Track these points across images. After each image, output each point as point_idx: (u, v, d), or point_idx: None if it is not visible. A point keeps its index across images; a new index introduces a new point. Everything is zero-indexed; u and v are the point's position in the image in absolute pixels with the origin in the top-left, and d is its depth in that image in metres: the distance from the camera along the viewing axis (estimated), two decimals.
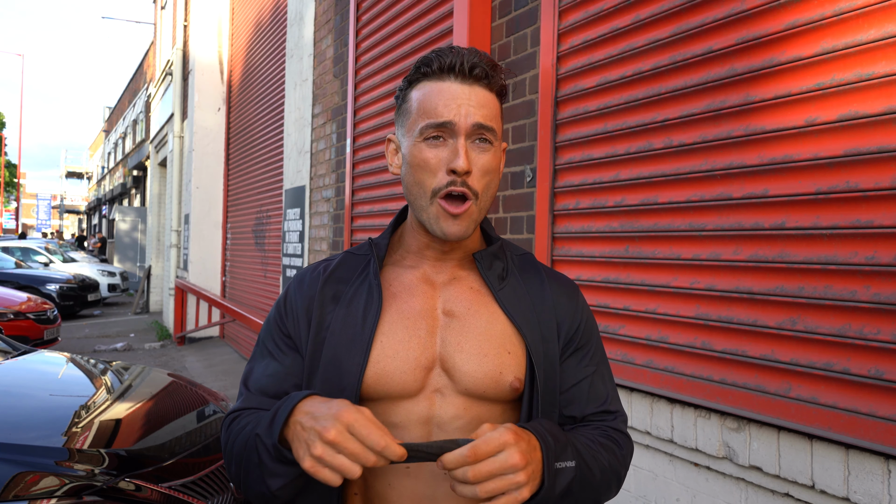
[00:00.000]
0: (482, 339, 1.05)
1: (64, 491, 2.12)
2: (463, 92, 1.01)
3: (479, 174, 1.02)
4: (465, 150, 1.00)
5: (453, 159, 1.00)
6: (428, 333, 1.05)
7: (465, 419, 1.03)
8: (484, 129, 1.01)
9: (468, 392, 1.03)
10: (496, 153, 1.05)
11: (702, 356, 2.03)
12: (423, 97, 1.03)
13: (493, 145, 1.04)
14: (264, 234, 7.46)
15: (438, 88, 1.02)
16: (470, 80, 1.02)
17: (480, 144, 1.02)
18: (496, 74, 1.04)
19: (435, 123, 1.01)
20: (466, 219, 1.02)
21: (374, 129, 4.40)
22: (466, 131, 1.00)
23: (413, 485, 1.03)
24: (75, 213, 57.06)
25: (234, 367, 7.63)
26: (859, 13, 1.64)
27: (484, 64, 1.03)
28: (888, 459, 1.54)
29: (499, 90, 1.06)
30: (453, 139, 1.01)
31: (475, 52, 1.04)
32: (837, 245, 1.67)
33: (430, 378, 1.04)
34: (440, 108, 1.01)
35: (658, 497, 2.20)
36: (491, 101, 1.04)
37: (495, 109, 1.05)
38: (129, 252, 19.54)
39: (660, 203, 2.20)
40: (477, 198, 1.02)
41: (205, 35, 10.11)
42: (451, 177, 1.00)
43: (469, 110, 1.01)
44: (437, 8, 3.64)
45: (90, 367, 3.58)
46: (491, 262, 1.11)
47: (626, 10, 2.36)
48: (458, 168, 0.99)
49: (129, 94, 26.87)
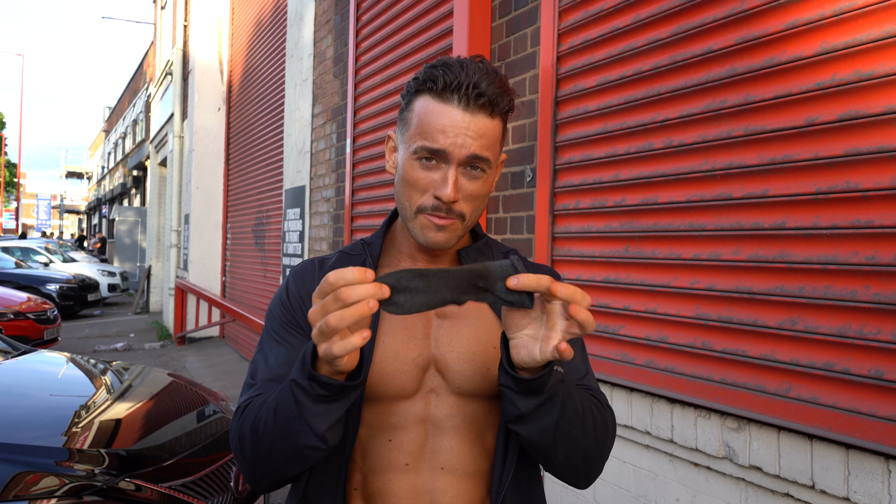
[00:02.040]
0: (471, 337, 1.08)
1: (64, 491, 2.12)
2: (463, 121, 1.00)
3: (467, 200, 1.03)
4: (455, 180, 1.00)
5: (441, 187, 1.00)
6: (423, 335, 1.08)
7: (459, 417, 1.06)
8: (478, 159, 1.01)
9: (461, 391, 1.06)
10: (487, 179, 1.05)
11: (702, 356, 2.03)
12: (424, 115, 1.02)
13: (486, 172, 1.04)
14: (264, 234, 7.46)
15: (439, 111, 1.00)
16: (473, 109, 1.00)
17: (472, 171, 1.02)
18: (502, 101, 1.02)
19: (430, 149, 1.00)
20: (451, 231, 1.04)
21: (374, 129, 4.40)
22: (459, 161, 1.00)
23: (412, 479, 1.05)
24: (75, 213, 57.07)
25: (234, 367, 7.63)
26: (859, 13, 1.64)
27: (491, 91, 1.00)
28: (888, 459, 1.54)
29: (508, 116, 1.05)
30: (446, 165, 1.01)
31: (486, 74, 1.01)
32: (837, 245, 1.67)
33: (426, 378, 1.06)
34: (437, 134, 1.00)
35: (658, 497, 2.20)
36: (492, 129, 1.02)
37: (495, 137, 1.03)
38: (129, 252, 19.53)
39: (660, 203, 2.20)
40: (463, 219, 1.04)
41: (205, 35, 10.11)
42: (436, 202, 1.01)
43: (466, 141, 1.00)
44: (437, 8, 3.64)
45: (90, 367, 3.58)
46: (476, 258, 1.13)
47: (626, 10, 2.36)
48: (443, 197, 1.00)
49: (129, 94, 26.87)
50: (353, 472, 1.07)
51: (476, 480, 1.06)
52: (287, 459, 0.96)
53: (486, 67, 1.02)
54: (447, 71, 1.01)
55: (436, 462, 1.05)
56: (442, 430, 1.05)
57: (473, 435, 1.07)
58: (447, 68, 1.02)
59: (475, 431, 1.07)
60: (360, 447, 1.06)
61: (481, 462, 1.07)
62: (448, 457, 1.05)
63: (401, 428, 1.05)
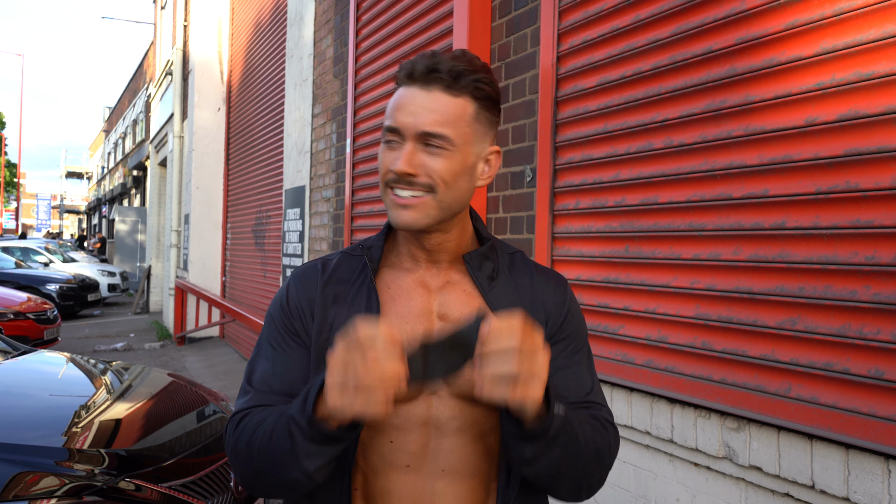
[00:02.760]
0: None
1: (64, 491, 2.12)
2: (416, 97, 1.01)
3: (432, 174, 1.01)
4: (408, 153, 1.01)
5: (395, 160, 1.02)
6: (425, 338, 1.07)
7: (461, 419, 1.06)
8: (432, 136, 1.00)
9: (462, 395, 1.05)
10: (453, 157, 1.02)
11: (702, 356, 2.03)
12: (390, 101, 1.06)
13: (449, 150, 1.01)
14: (264, 234, 7.46)
15: (400, 94, 1.04)
16: (429, 86, 1.01)
17: (430, 147, 1.01)
18: (464, 78, 1.01)
19: (387, 127, 1.03)
20: (419, 210, 1.02)
21: (374, 129, 4.40)
22: (412, 135, 1.01)
23: (413, 480, 1.05)
24: (75, 213, 57.07)
25: (234, 367, 7.63)
26: (859, 13, 1.64)
27: (449, 67, 1.00)
28: (888, 459, 1.54)
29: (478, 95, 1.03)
30: (404, 141, 1.02)
31: (455, 59, 1.02)
32: (837, 245, 1.67)
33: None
34: (394, 113, 1.02)
35: (658, 497, 2.20)
36: (450, 106, 1.01)
37: (454, 115, 1.01)
38: (129, 252, 19.53)
39: (660, 203, 2.20)
40: (433, 193, 1.02)
41: (205, 35, 10.11)
42: (392, 174, 1.02)
43: (418, 118, 1.00)
44: (437, 8, 3.64)
45: (90, 367, 3.58)
46: (480, 263, 1.12)
47: (626, 10, 2.36)
48: (395, 169, 1.01)
49: (129, 94, 26.87)
50: (355, 473, 1.07)
51: (477, 482, 1.06)
52: (276, 484, 1.00)
53: (459, 54, 1.04)
54: (414, 60, 1.04)
55: (437, 464, 1.05)
56: (443, 432, 1.05)
57: (475, 437, 1.06)
58: (416, 58, 1.04)
59: (477, 433, 1.07)
60: (361, 447, 1.06)
61: (482, 463, 1.07)
62: (449, 458, 1.05)
63: (402, 429, 1.05)
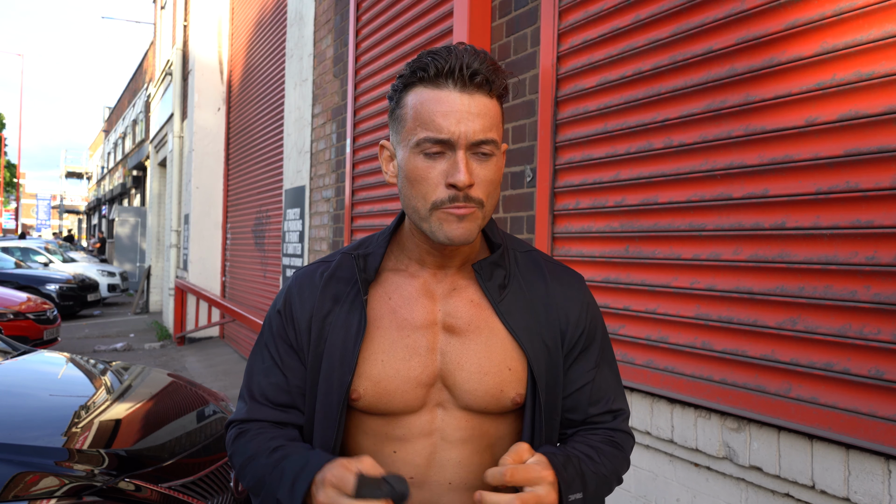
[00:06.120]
0: (482, 356, 1.03)
1: (64, 491, 2.12)
2: (463, 103, 0.94)
3: (482, 185, 0.97)
4: (466, 163, 0.94)
5: (454, 173, 0.94)
6: (428, 350, 1.04)
7: (467, 431, 1.04)
8: (485, 142, 0.96)
9: (469, 407, 1.03)
10: (497, 162, 1.00)
11: (702, 356, 2.03)
12: (420, 105, 0.96)
13: (495, 155, 0.99)
14: (264, 234, 7.46)
15: (436, 98, 0.95)
16: (470, 89, 0.95)
17: (481, 155, 0.96)
18: (498, 79, 0.97)
19: (434, 139, 0.94)
20: (471, 221, 0.97)
21: (374, 129, 4.40)
22: (466, 145, 0.95)
23: (418, 493, 1.03)
24: (75, 213, 57.04)
25: (234, 367, 7.63)
26: (859, 13, 1.64)
27: (485, 69, 0.96)
28: (888, 459, 1.54)
29: (503, 94, 1.00)
30: (452, 152, 0.95)
31: (475, 55, 0.96)
32: (837, 245, 1.67)
33: (431, 393, 1.04)
34: (439, 121, 0.94)
35: (658, 497, 2.20)
36: (492, 108, 0.97)
37: (496, 117, 0.98)
38: (129, 252, 19.52)
39: (660, 203, 2.20)
40: (482, 207, 0.98)
41: (205, 35, 10.11)
42: (451, 191, 0.95)
43: (470, 123, 0.94)
44: (437, 8, 3.64)
45: (90, 368, 3.58)
46: (491, 272, 1.06)
47: (626, 10, 2.36)
48: (458, 183, 0.94)
49: (128, 94, 26.86)
50: None
51: None
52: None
53: (474, 49, 0.98)
54: (436, 57, 0.97)
55: (443, 476, 1.03)
56: (450, 444, 1.03)
57: (482, 447, 1.04)
58: (435, 55, 0.97)
59: (484, 444, 1.05)
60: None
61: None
62: (456, 471, 1.03)
63: (406, 440, 1.03)
